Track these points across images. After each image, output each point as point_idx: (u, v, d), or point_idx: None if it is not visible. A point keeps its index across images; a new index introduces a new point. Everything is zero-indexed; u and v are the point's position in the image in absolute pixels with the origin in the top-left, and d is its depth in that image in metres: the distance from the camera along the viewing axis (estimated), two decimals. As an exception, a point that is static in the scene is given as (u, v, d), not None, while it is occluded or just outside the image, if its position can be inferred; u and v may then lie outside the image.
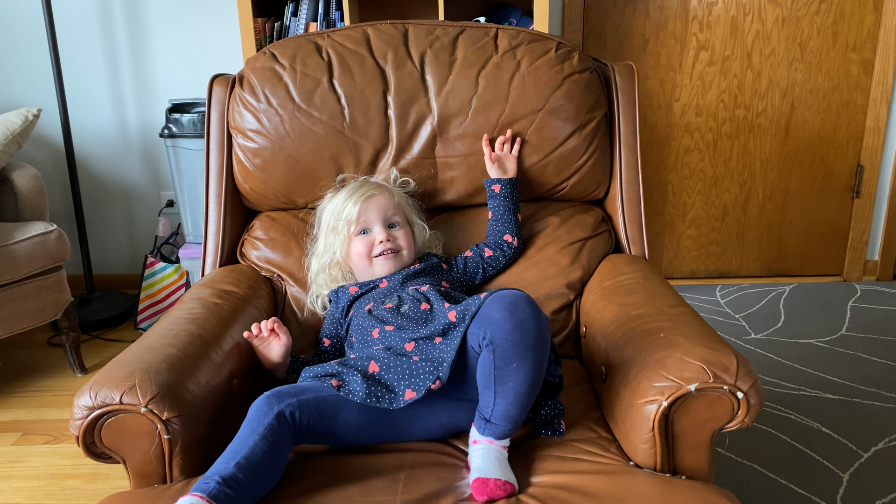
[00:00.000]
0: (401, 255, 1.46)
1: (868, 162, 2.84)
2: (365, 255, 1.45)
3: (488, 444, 1.12)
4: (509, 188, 1.54)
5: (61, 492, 1.83)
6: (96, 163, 2.88)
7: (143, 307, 2.71)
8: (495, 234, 1.54)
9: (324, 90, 1.55)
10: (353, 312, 1.40)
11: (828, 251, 2.99)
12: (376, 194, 1.47)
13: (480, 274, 1.53)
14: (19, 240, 2.16)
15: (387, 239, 1.44)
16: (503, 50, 1.59)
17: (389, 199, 1.48)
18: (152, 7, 2.71)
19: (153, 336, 1.24)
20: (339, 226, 1.46)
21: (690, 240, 2.97)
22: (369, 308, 1.35)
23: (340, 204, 1.47)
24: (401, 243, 1.46)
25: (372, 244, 1.45)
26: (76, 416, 1.09)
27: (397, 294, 1.37)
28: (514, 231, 1.54)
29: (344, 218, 1.46)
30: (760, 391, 1.10)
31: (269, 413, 1.07)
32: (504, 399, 1.08)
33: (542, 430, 1.21)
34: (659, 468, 1.12)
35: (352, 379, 1.15)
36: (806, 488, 1.73)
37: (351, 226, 1.45)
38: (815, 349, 2.40)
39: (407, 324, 1.27)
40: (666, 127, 2.82)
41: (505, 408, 1.09)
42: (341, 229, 1.46)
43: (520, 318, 1.05)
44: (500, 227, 1.54)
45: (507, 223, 1.54)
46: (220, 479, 1.00)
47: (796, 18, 2.70)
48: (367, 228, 1.46)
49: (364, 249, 1.45)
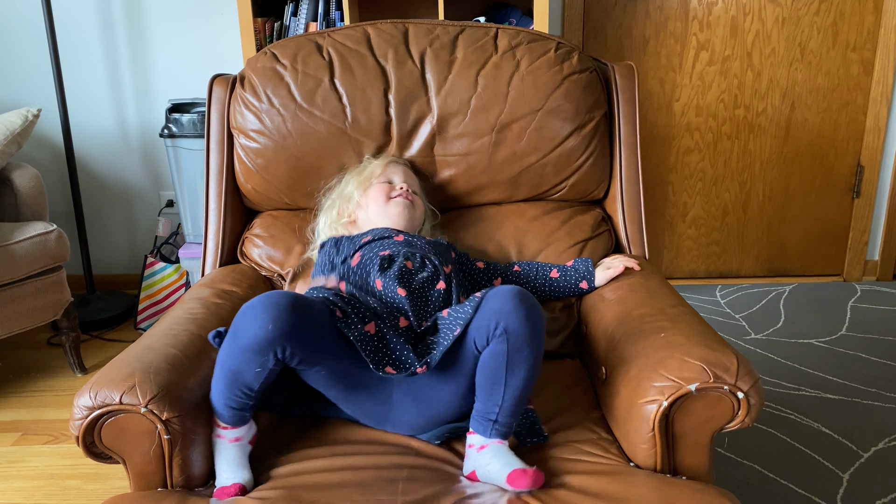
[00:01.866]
0: (414, 209, 1.47)
1: (868, 162, 2.84)
2: (382, 196, 1.46)
3: (498, 444, 1.12)
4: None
5: (61, 492, 1.83)
6: (96, 163, 2.88)
7: (143, 307, 2.71)
8: (536, 277, 1.49)
9: (325, 89, 1.56)
10: (360, 257, 1.35)
11: (828, 251, 2.99)
12: (396, 163, 1.54)
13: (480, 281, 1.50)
14: (19, 240, 2.16)
15: (409, 189, 1.48)
16: (503, 50, 1.59)
17: (408, 170, 1.54)
18: (152, 7, 2.71)
19: (153, 336, 1.24)
20: (361, 179, 1.49)
21: (690, 240, 2.97)
22: (388, 253, 1.32)
23: (363, 166, 1.53)
24: (416, 202, 1.48)
25: (391, 188, 1.47)
26: (76, 416, 1.09)
27: (421, 255, 1.33)
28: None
29: (367, 173, 1.50)
30: (761, 391, 1.10)
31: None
32: (512, 392, 1.10)
33: (527, 440, 1.20)
34: (659, 468, 1.12)
35: (352, 321, 1.16)
36: (806, 488, 1.73)
37: (373, 179, 1.49)
38: (815, 349, 2.40)
39: (417, 301, 1.26)
40: (666, 127, 2.82)
41: (511, 402, 1.11)
42: (362, 182, 1.49)
43: (529, 303, 1.09)
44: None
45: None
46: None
47: (796, 18, 2.70)
48: (390, 180, 1.49)
49: (383, 191, 1.47)
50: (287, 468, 1.15)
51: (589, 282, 1.48)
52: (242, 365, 1.08)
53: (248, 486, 1.12)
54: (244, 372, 1.09)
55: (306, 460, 1.16)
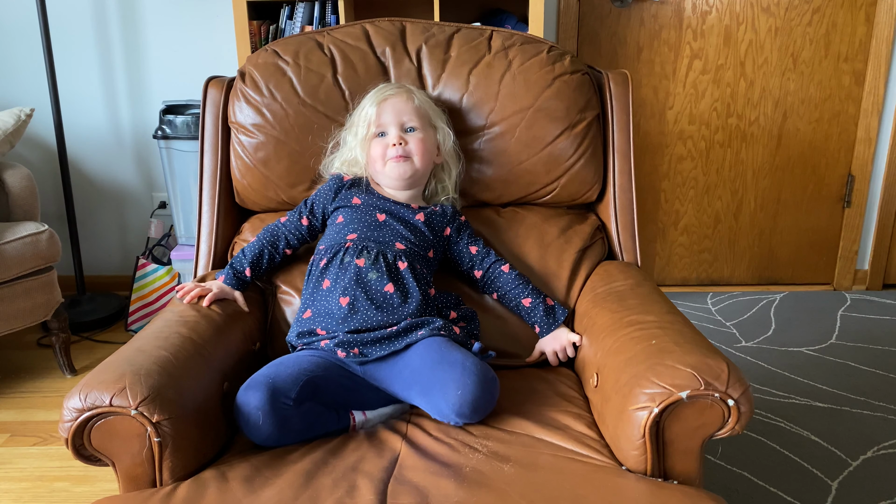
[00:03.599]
0: (411, 161, 1.46)
1: (859, 172, 2.86)
2: (380, 158, 1.47)
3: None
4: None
5: (49, 494, 1.82)
6: (89, 163, 2.87)
7: (134, 309, 2.70)
8: (511, 294, 1.49)
9: (328, 85, 1.57)
10: (342, 216, 1.46)
11: (818, 260, 3.00)
12: (394, 95, 1.48)
13: (466, 269, 1.52)
14: (10, 240, 2.15)
15: (398, 142, 1.45)
16: (496, 50, 1.60)
17: (407, 101, 1.48)
18: (147, 8, 2.70)
19: (144, 338, 1.24)
20: (360, 128, 1.49)
21: (682, 247, 2.98)
22: (353, 239, 1.41)
23: (360, 104, 1.51)
24: (411, 148, 1.46)
25: (386, 147, 1.46)
26: (65, 418, 1.08)
27: (377, 249, 1.39)
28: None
29: (363, 119, 1.48)
30: (751, 399, 1.10)
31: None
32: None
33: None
34: (649, 474, 1.13)
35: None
36: (795, 496, 1.74)
37: (371, 127, 1.47)
38: (805, 357, 2.41)
39: (362, 307, 1.34)
40: (659, 135, 2.83)
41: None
42: (360, 131, 1.49)
43: (488, 392, 1.23)
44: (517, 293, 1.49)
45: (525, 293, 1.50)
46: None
47: (789, 29, 2.72)
48: (384, 131, 1.47)
49: (380, 152, 1.47)
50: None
51: (541, 332, 1.48)
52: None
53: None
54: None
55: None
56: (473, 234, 1.53)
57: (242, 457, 1.18)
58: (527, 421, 1.26)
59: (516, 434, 1.23)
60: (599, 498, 1.06)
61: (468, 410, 1.19)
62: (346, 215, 1.46)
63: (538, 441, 1.21)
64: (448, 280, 1.54)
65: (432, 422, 1.27)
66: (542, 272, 1.56)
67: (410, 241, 1.43)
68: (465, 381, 1.18)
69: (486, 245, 1.52)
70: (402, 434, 1.25)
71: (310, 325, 1.37)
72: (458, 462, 1.15)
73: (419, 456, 1.18)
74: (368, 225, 1.44)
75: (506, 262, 1.50)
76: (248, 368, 1.36)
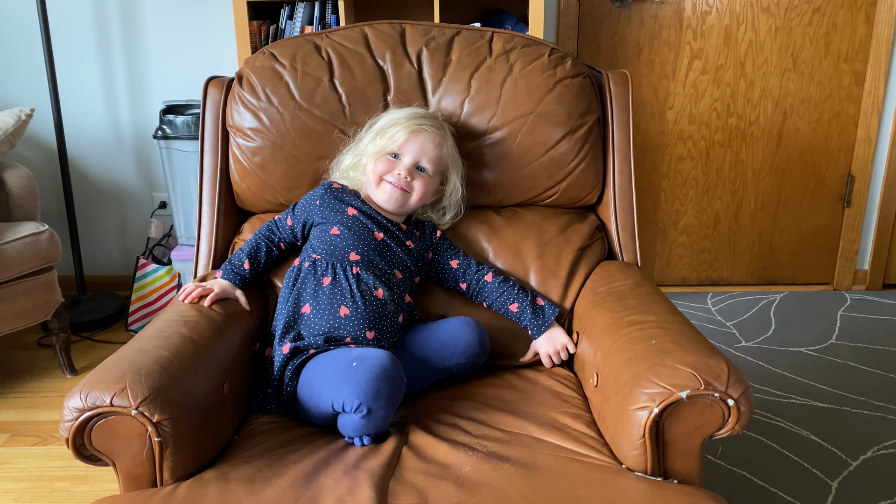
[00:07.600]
0: (408, 198, 1.46)
1: (859, 172, 2.86)
2: (379, 174, 1.46)
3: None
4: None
5: (50, 494, 1.82)
6: (89, 163, 2.87)
7: (135, 309, 2.70)
8: (497, 302, 1.50)
9: (325, 89, 1.56)
10: (337, 228, 1.45)
11: (818, 260, 3.00)
12: (427, 132, 1.47)
13: (451, 284, 1.53)
14: (10, 240, 2.15)
15: (406, 176, 1.45)
16: (497, 53, 1.60)
17: (435, 147, 1.47)
18: (147, 8, 2.71)
19: (144, 338, 1.24)
20: (382, 139, 1.47)
21: (682, 247, 2.98)
22: (354, 259, 1.42)
23: (397, 118, 1.49)
24: (414, 185, 1.46)
25: (391, 169, 1.45)
26: (66, 417, 1.08)
27: (366, 269, 1.41)
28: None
29: (389, 134, 1.47)
30: (751, 399, 1.11)
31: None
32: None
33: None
34: (649, 474, 1.13)
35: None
36: (795, 496, 1.74)
37: (391, 145, 1.46)
38: (805, 357, 2.41)
39: (358, 312, 1.37)
40: (659, 135, 2.83)
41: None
42: (379, 141, 1.48)
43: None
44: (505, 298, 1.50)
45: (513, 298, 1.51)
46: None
47: (789, 29, 2.72)
48: (399, 155, 1.46)
49: (383, 168, 1.46)
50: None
51: (533, 334, 1.48)
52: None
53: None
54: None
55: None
56: (451, 245, 1.54)
57: (243, 457, 1.19)
58: (526, 421, 1.27)
59: (515, 434, 1.24)
60: (599, 497, 1.06)
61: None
62: (342, 228, 1.44)
63: (537, 441, 1.22)
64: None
65: (432, 422, 1.28)
66: (541, 270, 1.56)
67: (407, 266, 1.46)
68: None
69: (465, 255, 1.53)
70: (403, 434, 1.25)
71: (334, 332, 1.37)
72: (457, 462, 1.15)
73: (419, 456, 1.18)
74: (368, 243, 1.43)
75: (488, 271, 1.51)
76: (249, 368, 1.36)
